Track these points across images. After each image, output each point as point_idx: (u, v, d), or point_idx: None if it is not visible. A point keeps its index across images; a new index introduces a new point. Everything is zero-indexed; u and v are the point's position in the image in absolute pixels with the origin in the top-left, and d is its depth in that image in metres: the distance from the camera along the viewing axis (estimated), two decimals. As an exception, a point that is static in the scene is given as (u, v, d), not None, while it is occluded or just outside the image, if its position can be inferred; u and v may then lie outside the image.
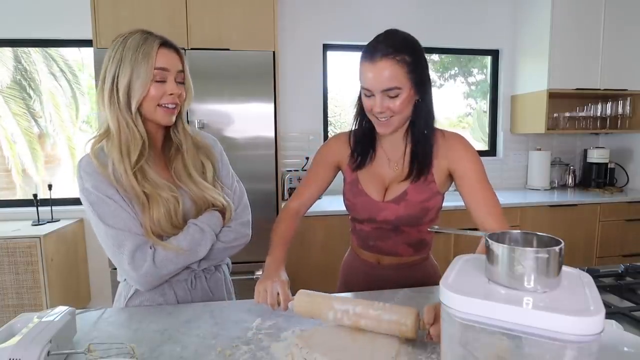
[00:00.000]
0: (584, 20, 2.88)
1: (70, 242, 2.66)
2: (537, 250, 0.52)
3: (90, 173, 0.94)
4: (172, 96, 0.98)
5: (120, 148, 0.94)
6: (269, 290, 0.90)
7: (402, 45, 0.94)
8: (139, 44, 0.94)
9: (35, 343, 0.67)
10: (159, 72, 0.95)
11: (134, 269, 0.94)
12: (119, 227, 0.94)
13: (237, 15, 2.33)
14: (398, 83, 0.93)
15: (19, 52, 2.98)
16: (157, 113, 0.98)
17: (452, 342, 0.57)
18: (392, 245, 1.13)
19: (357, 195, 1.11)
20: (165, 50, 0.97)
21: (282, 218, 1.15)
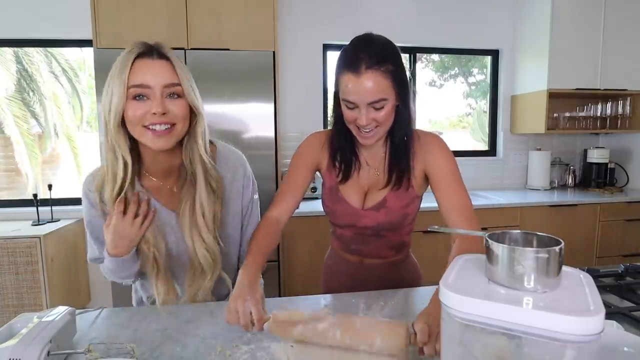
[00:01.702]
0: (584, 20, 2.88)
1: (70, 242, 2.66)
2: (537, 250, 0.52)
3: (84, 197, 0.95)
4: (155, 116, 0.81)
5: (107, 173, 0.88)
6: (241, 309, 0.79)
7: (385, 53, 0.90)
8: (120, 58, 0.84)
9: (35, 343, 0.67)
10: (135, 90, 0.82)
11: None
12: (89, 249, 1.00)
13: (237, 15, 2.33)
14: (384, 94, 0.89)
15: (19, 53, 2.98)
16: (145, 136, 0.84)
17: (452, 342, 0.57)
18: (374, 248, 1.13)
19: (337, 202, 1.08)
20: (146, 61, 0.83)
21: (261, 227, 1.04)
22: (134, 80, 0.81)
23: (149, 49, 0.84)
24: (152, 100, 0.82)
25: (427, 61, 3.35)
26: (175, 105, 0.84)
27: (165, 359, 0.77)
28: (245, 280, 0.85)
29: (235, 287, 0.84)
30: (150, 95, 0.82)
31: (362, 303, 1.01)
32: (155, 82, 0.82)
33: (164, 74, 0.83)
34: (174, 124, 0.85)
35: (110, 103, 0.83)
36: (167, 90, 0.84)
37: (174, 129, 0.85)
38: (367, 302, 1.01)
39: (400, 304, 1.00)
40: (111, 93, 0.83)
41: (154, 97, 0.82)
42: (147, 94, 0.82)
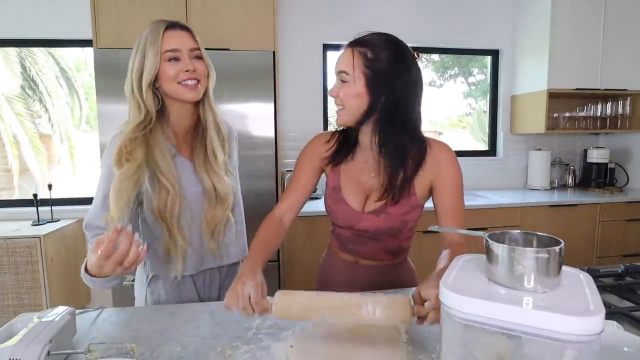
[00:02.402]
0: (584, 20, 2.88)
1: (70, 242, 2.66)
2: (537, 250, 0.52)
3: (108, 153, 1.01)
4: (188, 72, 1.01)
5: (129, 125, 1.00)
6: (240, 292, 0.80)
7: (372, 42, 0.95)
8: (148, 32, 1.00)
9: (35, 343, 0.67)
10: (169, 54, 0.99)
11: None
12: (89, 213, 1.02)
13: (237, 15, 2.33)
14: (346, 68, 0.95)
15: (22, 53, 2.99)
16: (179, 90, 1.01)
17: (452, 342, 0.57)
18: (370, 250, 1.12)
19: (338, 202, 1.08)
20: (172, 32, 1.01)
21: (263, 225, 1.05)
22: (167, 46, 0.99)
23: (173, 23, 1.03)
24: (182, 61, 1.01)
25: (427, 61, 3.35)
26: (199, 65, 1.04)
27: (165, 359, 0.77)
28: (246, 267, 0.88)
29: (237, 277, 0.86)
30: (180, 57, 1.01)
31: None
32: (183, 46, 1.01)
33: (188, 40, 1.03)
34: (199, 79, 1.04)
35: (142, 66, 0.99)
36: (192, 53, 1.03)
37: (199, 84, 1.04)
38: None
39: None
40: (143, 58, 0.99)
41: (183, 58, 1.01)
42: (178, 56, 1.00)
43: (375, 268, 1.14)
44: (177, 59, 1.00)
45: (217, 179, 1.09)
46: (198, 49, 1.04)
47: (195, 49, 1.03)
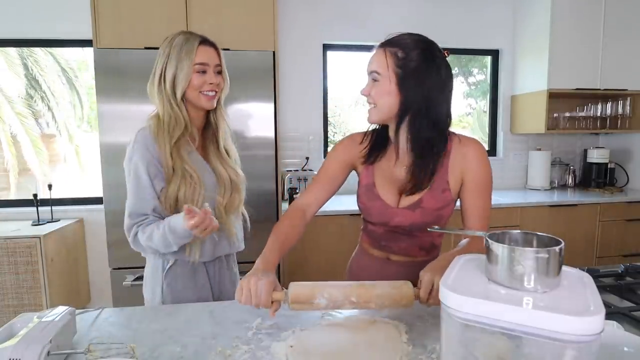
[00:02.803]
0: (584, 20, 2.88)
1: (70, 242, 2.66)
2: (537, 250, 0.52)
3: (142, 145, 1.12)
4: (211, 85, 1.16)
5: (164, 128, 1.13)
6: (253, 289, 0.83)
7: (402, 42, 0.97)
8: (182, 43, 1.13)
9: (35, 343, 0.67)
10: (199, 66, 1.14)
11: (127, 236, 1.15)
12: (129, 204, 1.13)
13: (237, 15, 2.33)
14: (378, 68, 0.97)
15: (23, 53, 2.99)
16: (201, 99, 1.16)
17: (452, 342, 0.57)
18: (404, 247, 1.12)
19: (372, 199, 1.09)
20: (204, 47, 1.15)
21: (286, 216, 1.07)
22: (199, 59, 1.14)
23: (204, 39, 1.17)
24: (208, 74, 1.16)
25: (427, 61, 3.34)
26: (220, 79, 1.19)
27: (165, 359, 0.77)
28: (260, 265, 0.91)
29: (252, 269, 0.89)
30: (207, 70, 1.16)
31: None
32: (211, 62, 1.17)
33: (215, 56, 1.18)
34: (217, 91, 1.19)
35: (175, 75, 1.13)
36: (216, 69, 1.18)
37: (217, 95, 1.20)
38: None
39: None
40: (176, 68, 1.13)
41: (209, 72, 1.16)
42: (205, 69, 1.16)
43: (407, 264, 1.14)
44: (205, 71, 1.15)
45: (232, 172, 1.25)
46: (221, 64, 1.20)
47: (218, 65, 1.19)
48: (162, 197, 1.13)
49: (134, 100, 2.20)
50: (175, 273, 1.19)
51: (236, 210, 1.26)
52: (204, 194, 1.16)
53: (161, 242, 1.08)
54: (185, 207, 0.99)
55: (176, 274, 1.19)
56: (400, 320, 0.92)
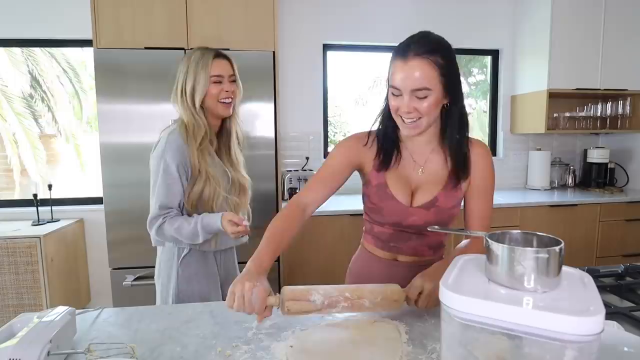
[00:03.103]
0: (584, 20, 2.88)
1: (70, 242, 2.66)
2: (537, 250, 0.52)
3: (174, 146, 1.25)
4: (227, 93, 1.31)
5: (188, 133, 1.27)
6: (247, 296, 0.80)
7: (436, 46, 0.92)
8: (199, 58, 1.29)
9: (35, 343, 0.67)
10: (215, 78, 1.29)
11: (149, 228, 1.28)
12: (158, 197, 1.26)
13: (237, 15, 2.33)
14: (428, 84, 0.90)
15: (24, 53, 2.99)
16: (218, 107, 1.31)
17: (452, 342, 0.57)
18: (413, 247, 1.12)
19: (385, 199, 1.06)
20: (218, 61, 1.31)
21: (284, 214, 1.03)
22: (214, 72, 1.29)
23: (219, 53, 1.33)
24: (224, 84, 1.31)
25: (427, 61, 3.35)
26: (234, 87, 1.34)
27: (165, 359, 0.77)
28: (253, 268, 0.87)
29: (243, 271, 0.86)
30: (223, 81, 1.31)
31: (362, 303, 1.01)
32: (225, 73, 1.32)
33: (229, 68, 1.34)
34: (232, 98, 1.34)
35: (194, 87, 1.28)
36: (230, 78, 1.34)
37: (232, 102, 1.35)
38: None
39: (400, 304, 1.00)
40: (194, 81, 1.28)
41: (225, 82, 1.32)
42: (221, 80, 1.31)
43: (414, 265, 1.13)
44: (220, 82, 1.30)
45: (240, 175, 1.40)
46: (234, 75, 1.34)
47: (232, 75, 1.34)
48: (186, 195, 1.28)
49: (134, 100, 2.20)
50: (189, 260, 1.33)
51: (244, 208, 1.46)
52: (222, 194, 1.31)
53: (189, 235, 1.24)
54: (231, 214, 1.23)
55: (190, 261, 1.33)
56: (400, 320, 0.92)
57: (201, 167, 1.26)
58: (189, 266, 1.33)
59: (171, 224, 1.24)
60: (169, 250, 1.34)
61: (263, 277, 0.86)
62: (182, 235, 1.24)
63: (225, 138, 1.40)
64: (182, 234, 1.24)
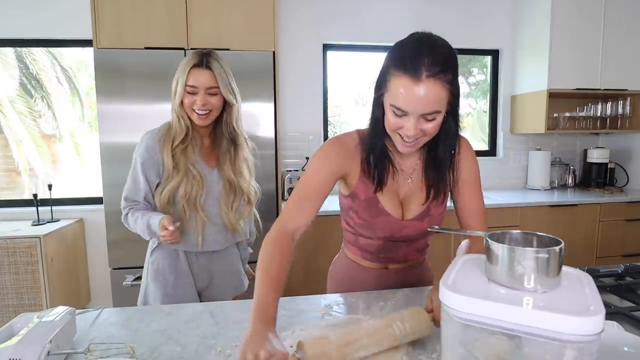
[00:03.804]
0: (584, 20, 2.88)
1: (70, 242, 2.66)
2: (537, 250, 0.52)
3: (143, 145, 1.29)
4: (199, 105, 1.26)
5: (169, 132, 1.29)
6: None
7: (448, 61, 0.80)
8: (183, 63, 1.27)
9: (35, 343, 0.67)
10: (189, 88, 1.25)
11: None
12: (125, 189, 1.32)
13: (237, 15, 2.33)
14: (439, 106, 0.81)
15: (23, 53, 2.98)
16: (193, 116, 1.28)
17: (452, 342, 0.57)
18: (403, 254, 1.10)
19: (377, 214, 1.00)
20: (197, 71, 1.25)
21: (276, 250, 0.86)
22: (189, 83, 1.26)
23: (200, 61, 1.26)
24: (198, 95, 1.26)
25: (427, 61, 3.34)
26: (213, 99, 1.28)
27: (165, 359, 0.77)
28: (259, 324, 0.71)
29: (248, 332, 0.70)
30: (197, 92, 1.26)
31: (362, 303, 1.01)
32: (201, 85, 1.26)
33: (207, 80, 1.26)
34: (210, 110, 1.28)
35: (175, 92, 1.28)
36: (209, 91, 1.27)
37: (210, 114, 1.29)
38: (366, 302, 1.01)
39: (399, 304, 1.00)
40: (176, 86, 1.27)
41: (199, 93, 1.26)
42: (195, 91, 1.26)
43: (403, 270, 1.13)
44: (195, 93, 1.26)
45: (243, 182, 1.38)
46: (216, 87, 1.27)
47: (212, 87, 1.27)
48: (160, 191, 1.29)
49: (134, 100, 2.20)
50: (158, 254, 1.36)
51: (248, 216, 1.46)
52: (204, 194, 1.31)
53: (140, 230, 1.28)
54: (167, 218, 1.20)
55: (159, 256, 1.35)
56: (400, 320, 0.91)
57: (179, 164, 1.27)
58: (157, 260, 1.35)
59: (133, 215, 1.29)
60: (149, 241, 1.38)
61: (274, 333, 0.71)
62: (136, 229, 1.28)
63: (228, 144, 1.38)
64: (137, 228, 1.27)
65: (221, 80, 1.28)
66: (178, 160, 1.28)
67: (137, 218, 1.27)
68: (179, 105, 1.28)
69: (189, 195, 1.28)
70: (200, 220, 1.31)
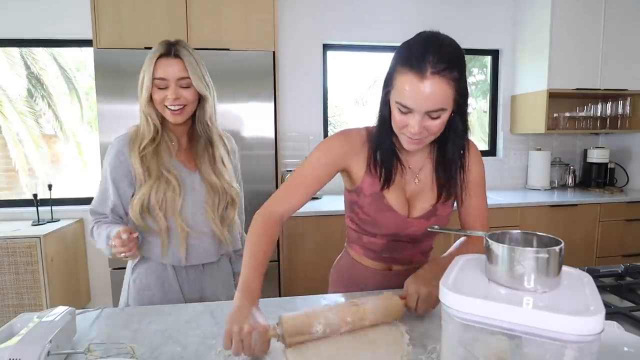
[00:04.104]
0: (584, 20, 2.88)
1: (70, 242, 2.66)
2: (537, 250, 0.52)
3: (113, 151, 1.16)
4: (171, 99, 1.11)
5: (137, 135, 1.16)
6: (246, 340, 0.71)
7: (454, 59, 0.81)
8: (149, 55, 1.13)
9: (35, 343, 0.67)
10: (158, 82, 1.11)
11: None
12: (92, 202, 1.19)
13: (237, 15, 2.33)
14: (444, 104, 0.81)
15: (23, 53, 2.99)
16: (165, 112, 1.15)
17: (452, 342, 0.57)
18: (408, 255, 1.09)
19: (383, 210, 0.99)
20: (164, 61, 1.11)
21: (264, 231, 0.92)
22: (156, 74, 1.11)
23: (168, 50, 1.12)
24: (169, 89, 1.12)
25: (427, 61, 3.35)
26: (186, 92, 1.13)
27: (165, 359, 0.77)
28: (245, 301, 0.79)
29: (234, 307, 0.77)
30: (168, 85, 1.12)
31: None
32: (170, 76, 1.11)
33: (177, 70, 1.11)
34: (185, 105, 1.14)
35: (142, 87, 1.14)
36: (180, 82, 1.12)
37: (185, 109, 1.15)
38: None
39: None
40: (142, 80, 1.14)
41: (170, 86, 1.12)
42: (165, 84, 1.12)
43: (406, 273, 1.07)
44: (165, 87, 1.12)
45: (225, 184, 1.23)
46: (187, 77, 1.12)
47: (184, 78, 1.12)
48: (132, 201, 1.14)
49: (134, 101, 2.18)
50: (141, 270, 1.21)
51: (232, 221, 1.27)
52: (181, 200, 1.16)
53: (101, 244, 1.13)
54: (125, 229, 1.04)
55: (142, 272, 1.20)
56: (400, 320, 0.92)
57: (151, 169, 1.13)
58: (140, 277, 1.20)
59: (97, 230, 1.15)
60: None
61: (257, 309, 0.79)
62: (99, 243, 1.14)
63: (205, 144, 1.23)
64: (99, 242, 1.14)
65: (192, 70, 1.12)
66: (149, 164, 1.13)
67: (100, 232, 1.13)
68: (146, 102, 1.13)
69: (164, 203, 1.13)
70: (182, 230, 1.15)
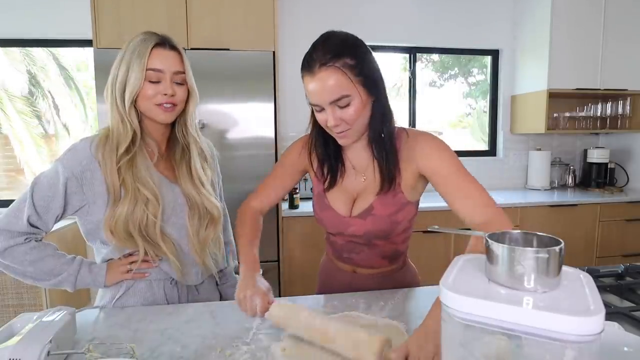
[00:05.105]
0: (584, 20, 2.88)
1: (70, 242, 2.65)
2: (537, 250, 0.52)
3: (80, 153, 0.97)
4: (166, 96, 0.98)
5: (112, 141, 0.98)
6: (249, 303, 0.88)
7: (340, 48, 0.84)
8: (138, 44, 0.98)
9: (35, 343, 0.67)
10: (152, 73, 0.97)
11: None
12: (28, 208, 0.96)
13: (237, 15, 2.33)
14: (344, 91, 0.84)
15: (23, 52, 2.99)
16: (154, 111, 1.00)
17: (452, 342, 0.57)
18: (366, 257, 1.08)
19: (324, 209, 1.06)
20: (161, 51, 0.98)
21: (246, 220, 1.09)
22: (152, 65, 0.97)
23: (163, 40, 1.00)
24: (163, 83, 0.98)
25: (427, 61, 3.35)
26: (179, 89, 1.01)
27: (165, 359, 0.77)
28: (248, 273, 0.95)
29: (241, 279, 0.93)
30: (162, 79, 0.98)
31: (362, 303, 1.01)
32: (167, 68, 0.98)
33: (174, 63, 1.00)
34: (176, 104, 1.01)
35: (125, 79, 0.97)
36: (175, 77, 1.00)
37: (175, 108, 1.02)
38: (367, 302, 1.01)
39: (399, 304, 1.00)
40: (128, 71, 0.97)
41: (165, 80, 0.98)
42: (160, 77, 0.98)
43: (375, 277, 1.11)
44: (159, 80, 0.98)
45: (205, 199, 1.08)
46: (183, 72, 1.01)
47: (179, 72, 1.00)
48: (112, 222, 0.98)
49: (134, 100, 2.20)
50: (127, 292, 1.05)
51: (213, 243, 1.13)
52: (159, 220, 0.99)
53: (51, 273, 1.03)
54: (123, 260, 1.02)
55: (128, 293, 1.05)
56: (400, 320, 0.92)
57: (126, 182, 0.96)
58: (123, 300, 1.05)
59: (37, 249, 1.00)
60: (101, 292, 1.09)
61: (259, 275, 0.96)
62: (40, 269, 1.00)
63: (182, 151, 1.08)
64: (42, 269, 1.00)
65: (187, 65, 1.03)
66: (125, 176, 0.96)
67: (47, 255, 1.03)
68: (130, 100, 0.97)
69: (143, 224, 0.98)
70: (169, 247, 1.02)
